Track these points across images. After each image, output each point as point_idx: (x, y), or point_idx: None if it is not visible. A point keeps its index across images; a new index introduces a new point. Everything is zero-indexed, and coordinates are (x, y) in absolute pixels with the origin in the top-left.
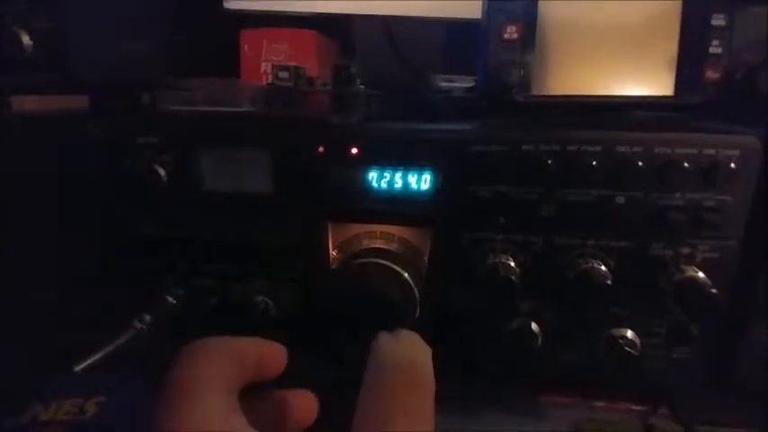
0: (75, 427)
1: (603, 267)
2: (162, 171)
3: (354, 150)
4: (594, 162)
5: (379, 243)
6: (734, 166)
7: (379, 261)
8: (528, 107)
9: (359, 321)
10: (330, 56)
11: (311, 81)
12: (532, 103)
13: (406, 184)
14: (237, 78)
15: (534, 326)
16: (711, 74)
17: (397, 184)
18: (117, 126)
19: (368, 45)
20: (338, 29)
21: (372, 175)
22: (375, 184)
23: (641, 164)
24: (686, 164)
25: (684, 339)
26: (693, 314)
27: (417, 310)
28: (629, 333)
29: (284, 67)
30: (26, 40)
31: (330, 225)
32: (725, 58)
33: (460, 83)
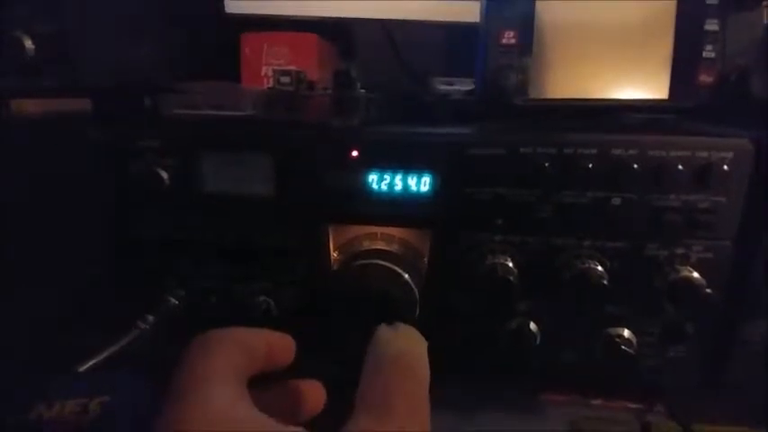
0: (79, 426)
1: (600, 268)
2: (164, 174)
3: (355, 153)
4: (590, 164)
5: (380, 244)
6: (727, 168)
7: (379, 262)
8: (525, 110)
9: (360, 322)
10: (330, 59)
11: (312, 85)
12: (530, 106)
13: (405, 186)
14: (238, 82)
15: (532, 326)
16: (705, 77)
17: (397, 186)
18: (119, 129)
19: (368, 49)
20: (339, 32)
21: (372, 177)
22: (375, 186)
23: (636, 166)
24: (680, 166)
25: (680, 338)
26: (688, 313)
27: (417, 310)
28: (625, 332)
29: (286, 72)
30: (28, 44)
31: (331, 227)
32: (718, 62)
33: (460, 86)
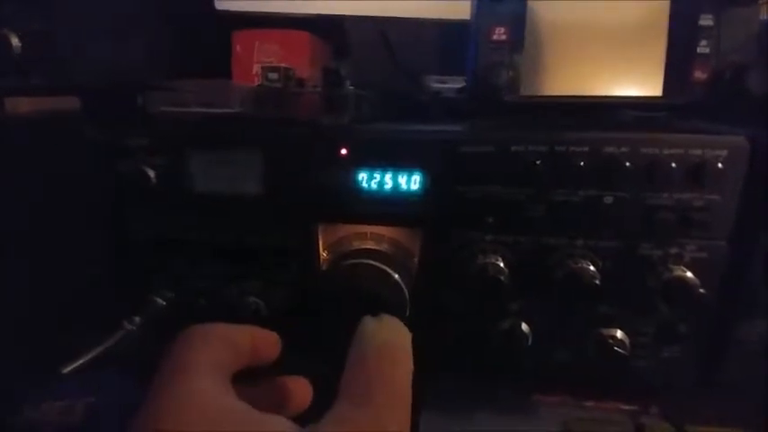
0: (66, 427)
1: (592, 267)
2: (152, 173)
3: (344, 151)
4: (582, 162)
5: (370, 244)
6: (721, 166)
7: (369, 262)
8: (517, 108)
9: (349, 322)
10: (322, 57)
11: (301, 82)
12: (521, 103)
13: (395, 184)
14: (229, 80)
15: (524, 326)
16: (699, 74)
17: (387, 184)
18: (107, 128)
19: (361, 46)
20: (330, 30)
21: (362, 175)
22: (365, 184)
23: (629, 164)
24: (674, 164)
25: (673, 339)
26: (682, 314)
27: (407, 310)
28: (618, 333)
29: (274, 69)
30: (15, 42)
31: (320, 226)
32: (713, 58)
33: (452, 84)
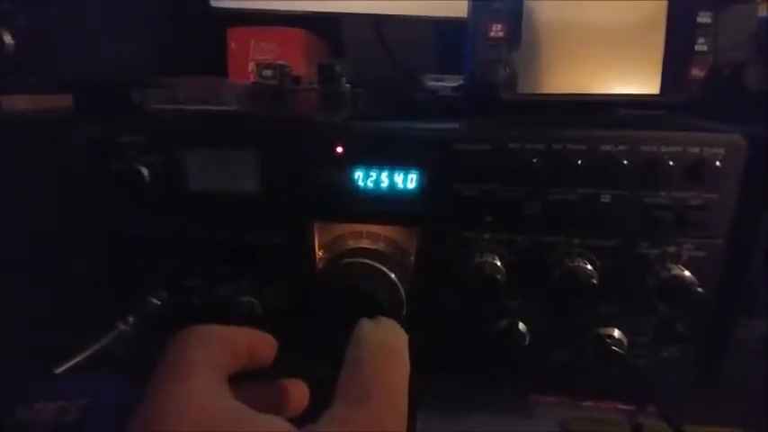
0: (59, 429)
1: (590, 266)
2: (145, 171)
3: (340, 149)
4: (580, 161)
5: (366, 243)
6: (719, 164)
7: (365, 261)
8: (514, 106)
9: (345, 321)
10: (318, 54)
11: (297, 79)
12: (518, 101)
13: (392, 183)
14: (224, 77)
15: (522, 325)
16: (697, 72)
17: (383, 183)
18: (101, 125)
19: (357, 44)
20: (326, 27)
21: (358, 174)
22: (361, 183)
23: (626, 162)
24: (671, 162)
25: (672, 338)
26: (680, 313)
27: (404, 309)
28: (615, 332)
29: (269, 66)
30: (8, 39)
31: (316, 225)
32: (711, 55)
33: (449, 82)
